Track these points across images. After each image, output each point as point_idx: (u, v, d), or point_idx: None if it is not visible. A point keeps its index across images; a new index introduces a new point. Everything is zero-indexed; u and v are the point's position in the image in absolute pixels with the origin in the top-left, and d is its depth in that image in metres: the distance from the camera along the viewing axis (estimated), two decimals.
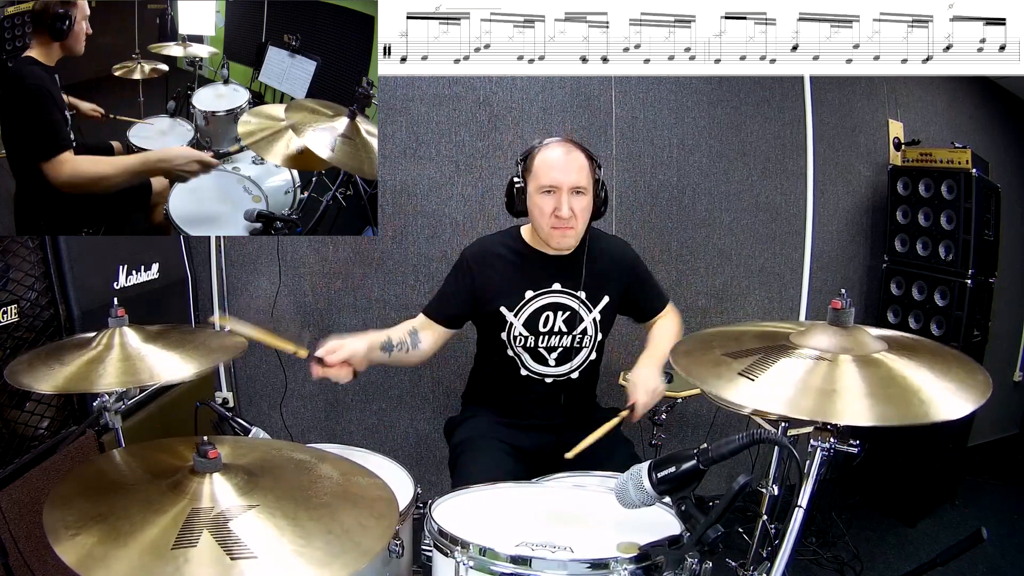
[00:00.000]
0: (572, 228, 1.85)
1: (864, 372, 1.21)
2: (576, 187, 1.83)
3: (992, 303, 3.26)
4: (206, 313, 2.90)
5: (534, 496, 1.58)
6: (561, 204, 1.81)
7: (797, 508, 1.26)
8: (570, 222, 1.83)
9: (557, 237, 1.87)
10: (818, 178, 3.30)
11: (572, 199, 1.82)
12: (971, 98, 3.68)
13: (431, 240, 3.03)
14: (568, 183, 1.82)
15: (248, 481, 1.10)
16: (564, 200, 1.81)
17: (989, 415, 3.83)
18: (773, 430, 1.54)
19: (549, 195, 1.84)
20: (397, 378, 3.11)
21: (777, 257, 3.34)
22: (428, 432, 3.13)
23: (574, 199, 1.83)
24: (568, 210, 1.81)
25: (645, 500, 1.22)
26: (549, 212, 1.84)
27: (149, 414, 2.12)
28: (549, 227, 1.86)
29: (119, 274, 2.12)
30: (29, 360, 1.49)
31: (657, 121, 3.14)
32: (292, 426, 3.07)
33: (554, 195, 1.83)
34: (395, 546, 1.44)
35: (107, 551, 0.93)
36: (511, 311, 1.94)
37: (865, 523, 3.09)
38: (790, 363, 1.26)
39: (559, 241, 1.87)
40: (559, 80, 3.02)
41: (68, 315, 1.88)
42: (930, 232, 3.19)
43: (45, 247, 1.84)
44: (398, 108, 2.93)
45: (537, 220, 1.89)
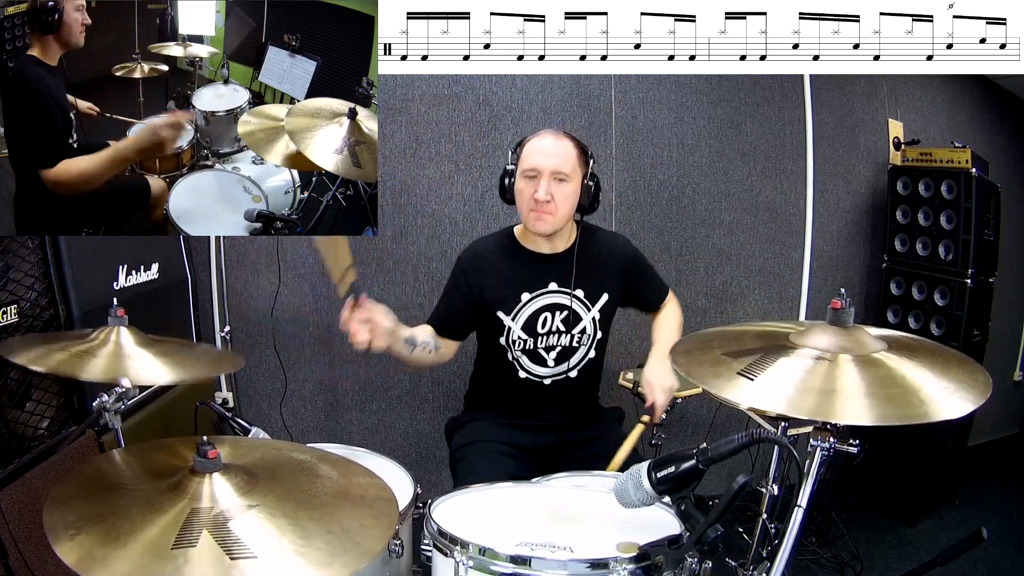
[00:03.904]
0: (550, 213, 1.84)
1: (864, 372, 1.21)
2: (557, 172, 1.83)
3: (992, 303, 3.26)
4: (206, 313, 2.91)
5: (534, 496, 1.57)
6: (539, 187, 1.82)
7: (797, 508, 1.26)
8: (547, 207, 1.83)
9: (532, 220, 1.87)
10: (818, 178, 3.30)
11: (552, 184, 1.83)
12: (971, 98, 3.68)
13: (431, 240, 3.03)
14: (549, 167, 1.82)
15: (248, 481, 1.10)
16: (543, 184, 1.82)
17: (989, 415, 3.83)
18: (773, 430, 1.54)
19: (531, 180, 1.85)
20: (397, 378, 3.11)
21: (777, 257, 3.34)
22: (428, 432, 3.13)
23: (555, 185, 1.83)
24: (546, 193, 1.81)
25: (645, 500, 1.22)
26: (528, 195, 1.85)
27: (149, 414, 2.12)
28: (527, 210, 1.87)
29: (119, 274, 2.12)
30: (23, 339, 1.48)
31: (657, 121, 3.14)
32: (292, 426, 3.07)
33: (535, 179, 1.84)
34: (395, 546, 1.44)
35: (107, 551, 0.93)
36: (508, 315, 1.93)
37: (865, 523, 3.09)
38: (790, 363, 1.26)
39: (534, 225, 1.87)
40: (559, 80, 3.02)
41: (68, 315, 1.88)
42: (930, 232, 3.19)
43: (45, 247, 1.84)
44: (398, 108, 2.93)
45: (518, 205, 1.91)
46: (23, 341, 1.48)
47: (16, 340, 1.49)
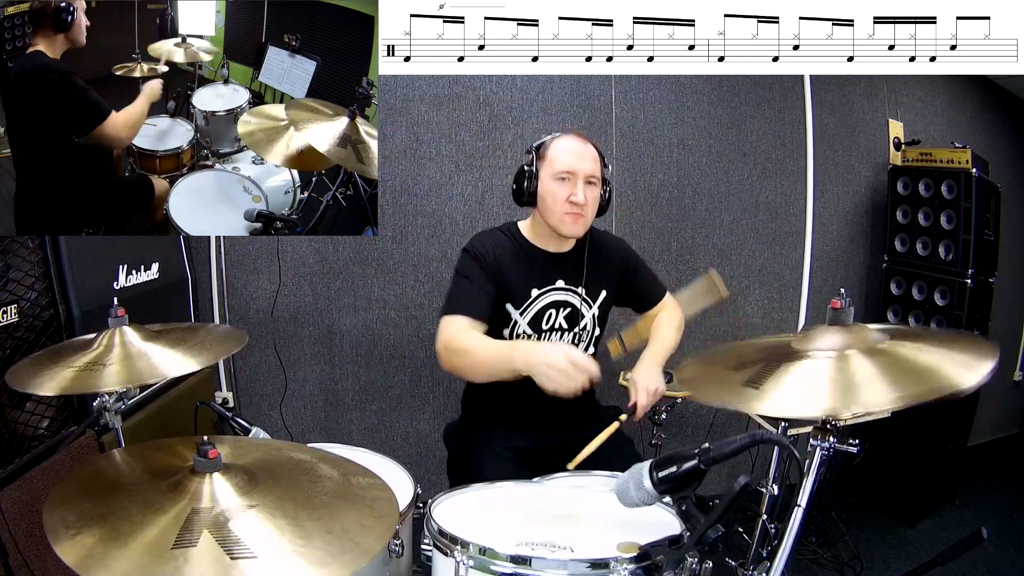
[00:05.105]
0: (583, 216, 1.87)
1: (875, 362, 1.22)
2: (590, 176, 1.86)
3: (992, 303, 3.26)
4: (206, 313, 2.91)
5: (534, 496, 1.57)
6: (577, 190, 1.84)
7: (797, 508, 1.26)
8: (584, 209, 1.86)
9: (569, 223, 1.87)
10: (818, 178, 3.30)
11: (586, 188, 1.85)
12: (971, 98, 3.69)
13: (431, 240, 3.03)
14: (584, 171, 1.85)
15: (248, 481, 1.10)
16: (580, 186, 1.84)
17: (989, 415, 3.82)
18: (773, 430, 1.54)
19: (564, 182, 1.86)
20: (397, 378, 3.11)
21: (777, 257, 3.34)
22: (428, 432, 3.13)
23: (587, 188, 1.86)
24: (583, 196, 1.84)
25: (646, 499, 1.22)
26: (563, 198, 1.85)
27: (149, 414, 2.12)
28: (563, 213, 1.86)
29: (119, 274, 2.12)
30: (30, 363, 1.50)
31: (657, 121, 3.14)
32: (292, 426, 3.07)
33: (569, 181, 1.85)
34: (395, 546, 1.44)
35: (107, 551, 0.93)
36: (517, 309, 1.93)
37: (865, 523, 3.09)
38: (801, 367, 1.27)
39: (570, 228, 1.88)
40: (559, 80, 3.03)
41: (68, 315, 1.88)
42: (930, 232, 3.19)
43: (45, 247, 1.84)
44: (398, 108, 2.93)
45: (549, 207, 1.89)
46: (30, 365, 1.48)
47: (23, 365, 1.48)
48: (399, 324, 3.07)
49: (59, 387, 1.40)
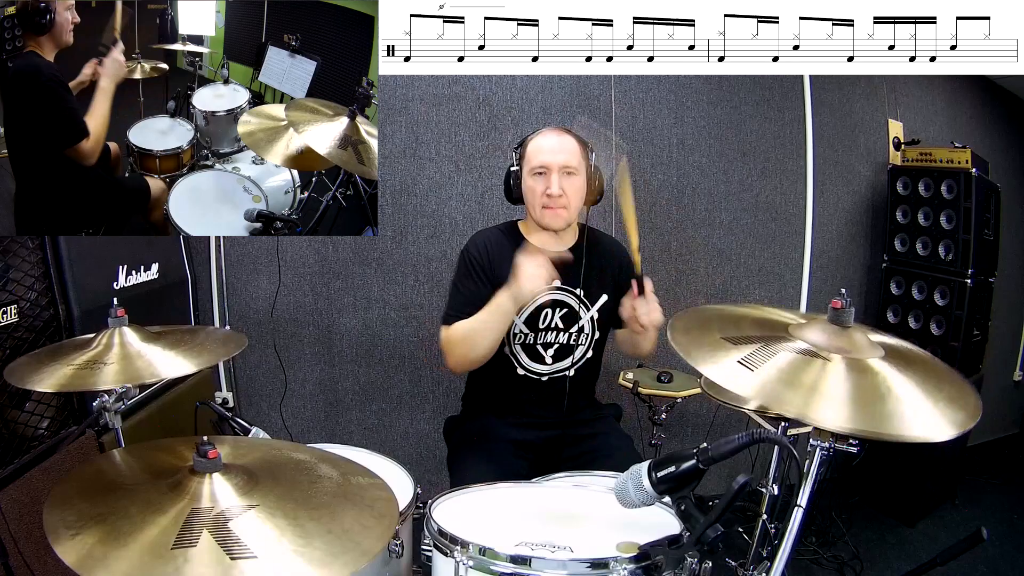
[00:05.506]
0: (564, 208, 1.88)
1: (853, 377, 1.18)
2: (566, 167, 1.86)
3: (992, 303, 3.26)
4: (206, 313, 2.91)
5: (534, 496, 1.58)
6: (551, 182, 1.85)
7: (797, 508, 1.26)
8: (560, 201, 1.86)
9: (549, 217, 1.88)
10: (818, 178, 3.30)
11: (563, 179, 1.86)
12: (971, 98, 3.69)
13: (431, 240, 3.03)
14: (557, 163, 1.86)
15: (248, 481, 1.10)
16: (554, 179, 1.85)
17: (989, 415, 3.81)
18: (773, 430, 1.54)
19: (540, 176, 1.88)
20: (397, 378, 3.11)
21: (777, 257, 3.34)
22: (428, 432, 3.13)
23: (565, 179, 1.86)
24: (558, 188, 1.85)
25: (645, 500, 1.22)
26: (540, 192, 1.87)
27: (149, 414, 2.12)
28: (540, 207, 1.88)
29: (119, 274, 2.12)
30: (29, 360, 1.50)
31: (657, 121, 3.14)
32: (292, 426, 3.07)
33: (545, 176, 1.87)
34: (395, 546, 1.44)
35: (107, 551, 0.93)
36: None
37: (865, 523, 3.09)
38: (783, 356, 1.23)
39: (549, 221, 1.89)
40: (559, 80, 3.03)
41: (68, 315, 1.88)
42: (930, 232, 3.19)
43: (45, 247, 1.84)
44: (398, 108, 2.93)
45: (530, 203, 1.92)
46: (28, 363, 1.48)
47: (21, 363, 1.49)
48: (399, 324, 3.07)
49: (57, 384, 1.40)
